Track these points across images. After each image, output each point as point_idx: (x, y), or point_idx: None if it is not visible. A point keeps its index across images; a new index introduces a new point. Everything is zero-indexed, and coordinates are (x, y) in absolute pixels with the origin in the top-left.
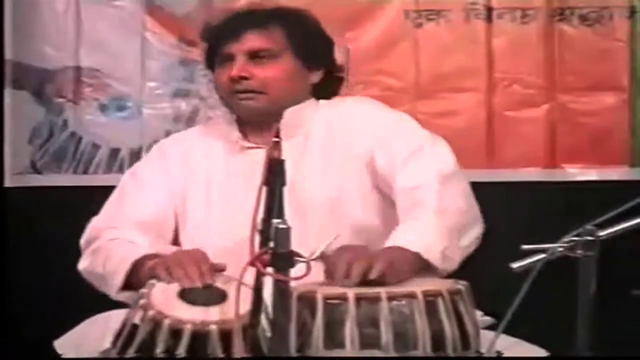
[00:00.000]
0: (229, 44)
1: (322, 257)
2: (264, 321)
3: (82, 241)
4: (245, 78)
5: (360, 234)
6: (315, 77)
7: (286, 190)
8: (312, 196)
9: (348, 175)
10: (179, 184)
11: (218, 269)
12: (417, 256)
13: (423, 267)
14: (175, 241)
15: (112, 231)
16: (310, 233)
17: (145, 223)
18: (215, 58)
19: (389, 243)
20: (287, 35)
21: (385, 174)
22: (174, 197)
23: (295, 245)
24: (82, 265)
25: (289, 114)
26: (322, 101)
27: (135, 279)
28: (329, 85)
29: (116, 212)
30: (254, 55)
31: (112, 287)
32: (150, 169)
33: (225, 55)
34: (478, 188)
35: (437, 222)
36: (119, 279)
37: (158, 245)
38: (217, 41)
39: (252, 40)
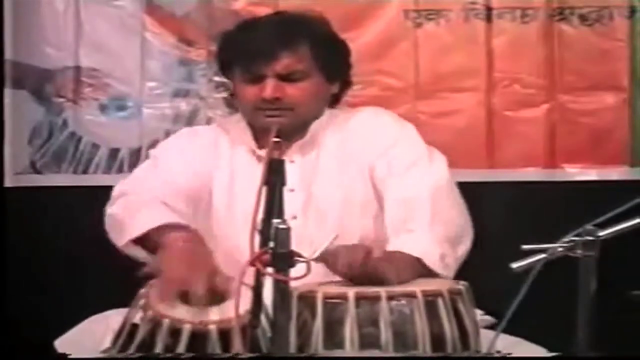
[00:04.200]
0: (259, 64)
1: (323, 256)
2: (264, 321)
3: (118, 189)
4: (278, 99)
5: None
6: (336, 87)
7: (302, 197)
8: (328, 204)
9: (355, 185)
10: (207, 168)
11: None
12: (417, 261)
13: (423, 273)
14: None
15: (148, 191)
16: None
17: (184, 192)
18: (236, 69)
19: (389, 249)
20: (314, 54)
21: (381, 184)
22: (207, 176)
23: (312, 247)
24: (111, 209)
25: (311, 129)
26: (336, 110)
27: (151, 241)
28: (342, 90)
29: (155, 179)
30: (285, 76)
31: (125, 235)
32: (186, 146)
33: (254, 74)
34: (478, 188)
35: (431, 231)
36: (138, 230)
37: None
38: (243, 59)
39: (284, 62)
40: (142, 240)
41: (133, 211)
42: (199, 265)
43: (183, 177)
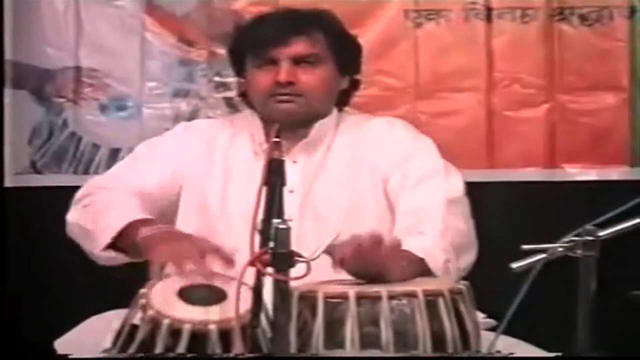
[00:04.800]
0: (273, 48)
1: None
2: (264, 321)
3: (77, 195)
4: (292, 83)
5: None
6: (345, 83)
7: (301, 198)
8: (329, 207)
9: (364, 193)
10: (193, 169)
11: (226, 259)
12: (421, 262)
13: (425, 274)
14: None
15: (109, 192)
16: (325, 241)
17: (144, 193)
18: (248, 61)
19: None
20: (328, 42)
21: (394, 195)
22: (182, 179)
23: (308, 250)
24: (71, 216)
25: (317, 127)
26: (345, 114)
27: (124, 241)
28: (350, 90)
29: (119, 176)
30: (299, 61)
31: (98, 244)
32: (168, 145)
33: (268, 59)
34: (478, 188)
35: (441, 237)
36: (108, 235)
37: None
38: (257, 45)
39: (299, 45)
40: (114, 244)
41: (97, 216)
42: (185, 238)
43: (152, 178)
